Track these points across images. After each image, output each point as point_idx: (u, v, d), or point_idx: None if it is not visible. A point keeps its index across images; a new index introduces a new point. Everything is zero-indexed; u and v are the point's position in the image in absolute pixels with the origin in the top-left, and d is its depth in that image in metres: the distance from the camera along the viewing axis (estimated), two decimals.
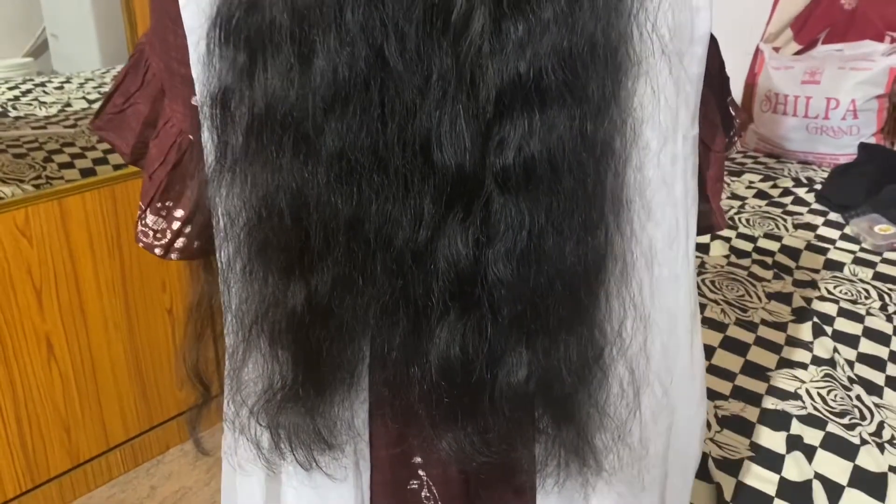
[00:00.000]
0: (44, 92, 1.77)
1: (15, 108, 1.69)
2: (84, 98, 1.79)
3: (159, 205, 0.60)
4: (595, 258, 0.49)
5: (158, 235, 0.61)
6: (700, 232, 0.61)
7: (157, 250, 0.61)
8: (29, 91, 1.75)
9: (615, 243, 0.49)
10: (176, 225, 0.60)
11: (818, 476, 0.84)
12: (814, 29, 1.95)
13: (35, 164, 1.54)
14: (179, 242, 0.61)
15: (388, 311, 0.49)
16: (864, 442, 0.88)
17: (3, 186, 1.44)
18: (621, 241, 0.50)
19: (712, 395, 0.97)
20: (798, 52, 1.96)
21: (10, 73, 1.74)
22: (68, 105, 1.76)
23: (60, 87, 1.81)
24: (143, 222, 0.61)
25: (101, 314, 1.37)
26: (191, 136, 0.58)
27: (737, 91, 2.07)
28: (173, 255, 0.61)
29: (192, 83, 0.54)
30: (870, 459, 0.85)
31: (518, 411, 0.51)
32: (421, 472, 0.61)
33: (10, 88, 1.74)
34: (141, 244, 0.62)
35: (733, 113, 0.63)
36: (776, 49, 1.97)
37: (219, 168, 0.50)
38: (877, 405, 0.95)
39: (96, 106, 1.78)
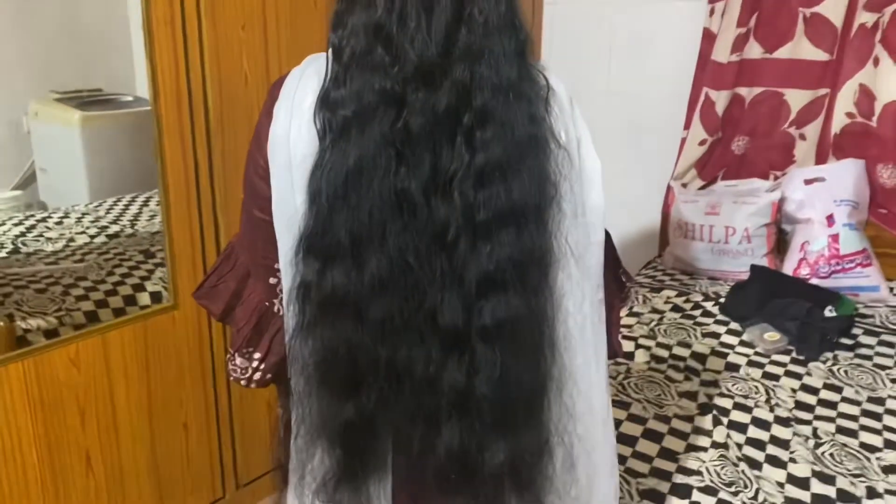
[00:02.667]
0: (46, 227, 1.98)
1: (25, 245, 1.88)
2: (85, 233, 2.00)
3: (244, 350, 0.89)
4: (541, 381, 0.79)
5: (243, 371, 0.89)
6: (608, 357, 0.92)
7: (242, 382, 0.89)
8: (33, 227, 1.96)
9: (552, 370, 0.80)
10: (255, 364, 0.89)
11: None
12: (713, 169, 2.37)
13: (55, 297, 1.75)
14: (257, 375, 0.89)
15: (411, 419, 0.78)
16: None
17: (30, 319, 1.66)
18: (556, 369, 0.80)
19: (634, 473, 1.26)
20: (702, 188, 2.37)
21: (1, 205, 1.90)
22: (72, 240, 1.93)
23: (60, 223, 2.00)
24: (233, 363, 0.89)
25: (130, 430, 1.59)
26: (267, 304, 0.87)
27: (654, 219, 2.47)
28: (252, 385, 0.89)
29: (271, 270, 0.84)
30: None
31: (497, 482, 0.80)
32: None
33: (16, 225, 1.95)
34: (231, 378, 0.90)
35: (624, 279, 0.95)
36: (684, 185, 2.38)
37: (298, 329, 0.79)
38: (757, 476, 1.26)
39: (98, 240, 2.01)
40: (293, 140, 0.77)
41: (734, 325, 1.87)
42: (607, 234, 0.90)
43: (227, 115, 1.65)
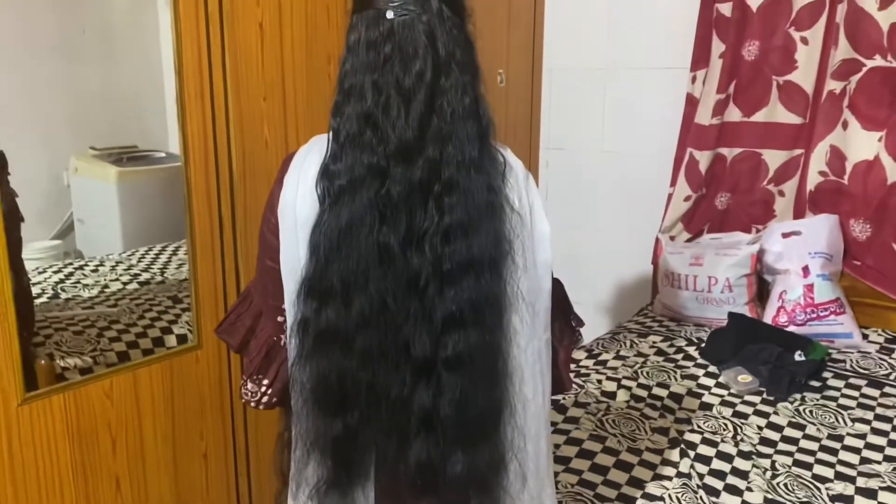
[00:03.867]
0: (83, 275, 2.15)
1: (63, 291, 2.06)
2: (118, 280, 2.17)
3: (255, 377, 1.06)
4: (496, 404, 0.95)
5: (253, 395, 1.06)
6: (559, 391, 1.08)
7: (252, 404, 1.06)
8: (71, 274, 2.13)
9: (505, 396, 0.96)
10: (264, 388, 1.06)
11: None
12: (698, 223, 2.53)
13: (90, 339, 1.92)
14: (265, 399, 1.06)
15: (387, 434, 0.94)
16: None
17: (69, 359, 1.83)
18: (508, 395, 0.96)
19: (602, 499, 1.40)
20: (689, 240, 2.53)
21: (41, 255, 2.02)
22: (106, 287, 2.10)
23: (96, 270, 2.17)
24: (245, 388, 1.06)
25: (156, 458, 1.77)
26: (275, 338, 1.04)
27: (647, 268, 2.62)
28: (261, 407, 1.06)
29: (279, 310, 1.01)
30: None
31: (458, 490, 0.95)
32: None
33: (55, 272, 2.13)
34: (243, 400, 1.07)
35: (574, 324, 1.12)
36: (672, 238, 2.54)
37: (298, 358, 0.96)
38: (713, 502, 1.39)
39: (130, 287, 2.18)
40: (299, 204, 0.96)
41: (712, 369, 2.01)
42: (559, 283, 1.07)
43: (249, 176, 1.85)
